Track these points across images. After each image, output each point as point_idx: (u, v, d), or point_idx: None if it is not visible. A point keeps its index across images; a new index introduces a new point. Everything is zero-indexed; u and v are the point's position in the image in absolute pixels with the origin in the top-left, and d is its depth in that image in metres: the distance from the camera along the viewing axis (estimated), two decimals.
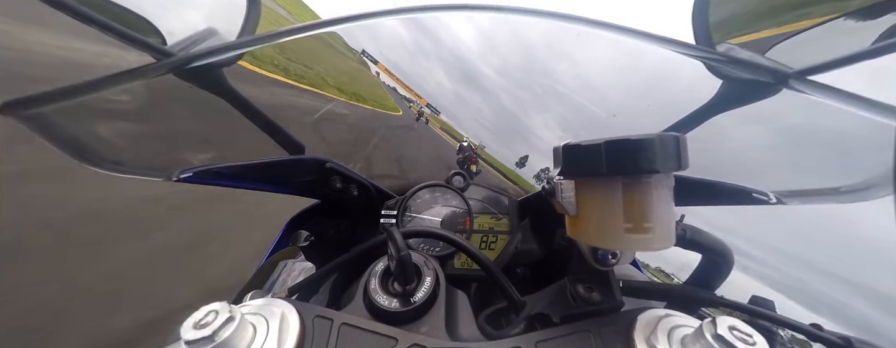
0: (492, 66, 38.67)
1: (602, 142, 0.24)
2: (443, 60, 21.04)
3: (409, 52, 27.20)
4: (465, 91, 19.89)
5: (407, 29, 46.25)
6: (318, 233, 0.77)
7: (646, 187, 0.25)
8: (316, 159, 0.66)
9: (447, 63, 20.15)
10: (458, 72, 20.29)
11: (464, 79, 19.89)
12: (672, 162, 0.23)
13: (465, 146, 13.26)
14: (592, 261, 0.31)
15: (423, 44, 31.98)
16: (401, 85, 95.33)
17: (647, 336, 0.26)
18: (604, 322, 0.30)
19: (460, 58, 20.74)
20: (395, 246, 0.34)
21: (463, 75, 19.52)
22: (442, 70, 20.33)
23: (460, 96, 19.16)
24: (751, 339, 0.21)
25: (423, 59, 21.60)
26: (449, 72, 20.04)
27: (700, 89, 0.54)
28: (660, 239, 0.26)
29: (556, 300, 0.37)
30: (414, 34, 40.25)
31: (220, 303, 0.25)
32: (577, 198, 0.29)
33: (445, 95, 19.85)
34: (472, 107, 23.26)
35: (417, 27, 57.50)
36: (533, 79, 29.68)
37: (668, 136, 0.23)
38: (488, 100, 28.65)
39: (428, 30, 57.23)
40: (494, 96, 23.07)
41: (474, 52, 73.65)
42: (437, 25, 33.99)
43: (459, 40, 54.70)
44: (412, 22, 54.06)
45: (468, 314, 0.38)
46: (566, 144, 0.28)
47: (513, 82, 51.70)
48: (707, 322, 0.23)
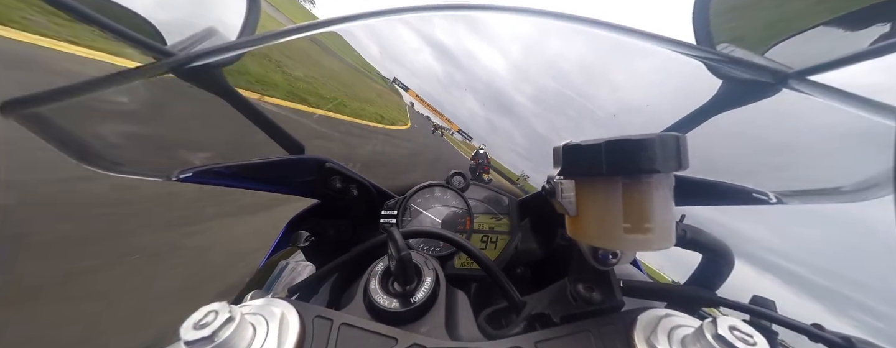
0: (525, 93, 39.78)
1: (602, 142, 0.24)
2: (474, 90, 21.29)
3: (442, 83, 27.92)
4: (496, 117, 19.97)
5: (439, 62, 47.51)
6: (319, 233, 0.77)
7: (646, 187, 0.25)
8: (316, 159, 0.66)
9: (479, 92, 20.28)
10: (491, 100, 20.31)
11: (496, 106, 19.87)
12: (672, 162, 0.23)
13: (481, 154, 13.43)
14: (593, 261, 0.31)
15: (454, 75, 33.00)
16: (433, 111, 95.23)
17: (648, 336, 0.26)
18: (604, 322, 0.30)
19: (491, 86, 20.90)
20: (395, 246, 0.34)
21: (495, 103, 19.54)
22: (473, 98, 20.44)
23: (492, 122, 19.20)
24: (751, 339, 0.21)
25: (455, 90, 21.86)
26: (481, 100, 20.11)
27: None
28: (660, 239, 0.26)
29: (557, 300, 0.37)
30: (447, 67, 41.79)
31: (219, 304, 0.25)
32: (577, 198, 0.29)
33: (477, 122, 19.97)
34: (504, 133, 23.51)
35: (449, 60, 59.22)
36: (568, 103, 30.39)
37: (668, 136, 0.23)
38: (520, 125, 29.22)
39: (461, 63, 58.85)
40: (526, 121, 23.32)
41: (506, 80, 74.42)
42: (469, 61, 35.16)
43: (492, 72, 56.23)
44: (444, 54, 55.42)
45: (468, 314, 0.38)
46: (566, 144, 0.28)
47: (546, 107, 52.85)
48: (707, 322, 0.23)
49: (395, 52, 19.34)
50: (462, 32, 28.54)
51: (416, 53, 32.45)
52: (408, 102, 67.86)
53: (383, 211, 0.76)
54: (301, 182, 0.68)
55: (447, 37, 70.38)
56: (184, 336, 0.22)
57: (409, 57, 27.13)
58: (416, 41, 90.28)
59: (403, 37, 26.80)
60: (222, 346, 0.23)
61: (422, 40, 62.97)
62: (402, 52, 42.65)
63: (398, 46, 34.42)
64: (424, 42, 66.31)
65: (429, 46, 69.19)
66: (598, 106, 22.39)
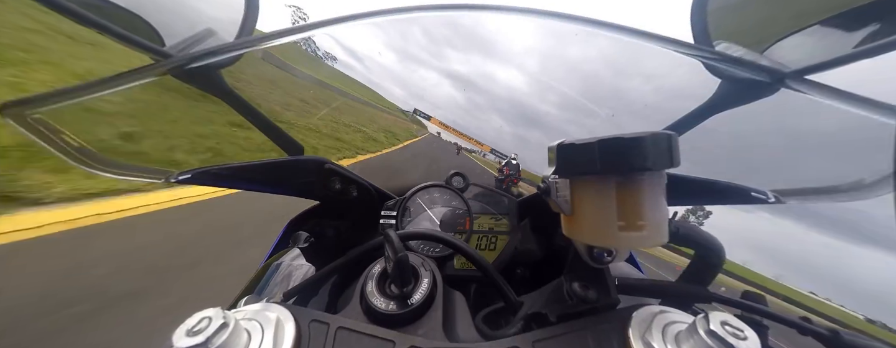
0: (549, 102, 39.12)
1: (595, 140, 0.24)
2: (499, 110, 21.23)
3: (464, 109, 27.90)
4: (525, 131, 19.65)
5: (458, 90, 47.92)
6: (318, 234, 0.76)
7: (639, 185, 0.25)
8: (315, 160, 0.66)
9: (503, 111, 20.23)
10: (517, 116, 20.09)
11: (523, 121, 19.70)
12: (664, 159, 0.24)
13: (513, 164, 11.38)
14: (588, 260, 0.31)
15: (475, 100, 33.15)
16: (459, 136, 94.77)
17: (643, 333, 0.26)
18: (600, 320, 0.30)
19: (514, 102, 20.76)
20: (392, 247, 0.33)
21: (522, 118, 19.37)
22: (499, 117, 20.40)
23: (521, 137, 18.80)
24: (742, 334, 0.22)
25: (479, 113, 21.87)
26: (506, 118, 20.07)
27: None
28: (653, 236, 0.26)
29: (553, 299, 0.37)
30: (467, 94, 42.09)
31: (213, 309, 0.24)
32: (572, 197, 0.29)
33: (506, 140, 19.71)
34: (536, 145, 23.72)
35: (468, 87, 59.71)
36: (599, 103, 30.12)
37: (660, 134, 0.23)
38: (552, 134, 29.94)
39: (479, 87, 59.28)
40: (557, 129, 23.57)
41: (527, 93, 72.31)
42: (488, 83, 35.12)
43: (512, 88, 55.71)
44: (462, 82, 55.89)
45: (466, 315, 0.37)
46: (560, 143, 0.28)
47: (576, 112, 51.08)
48: (700, 318, 0.23)
49: (415, 89, 19.44)
50: (476, 60, 28.37)
51: (437, 87, 32.35)
52: (434, 132, 66.14)
53: (383, 211, 0.76)
54: (300, 183, 0.68)
55: (463, 66, 70.74)
56: (176, 343, 0.22)
57: (431, 91, 27.15)
58: (435, 77, 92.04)
59: (423, 76, 27.11)
60: None
61: (440, 74, 64.23)
62: (423, 87, 43.19)
63: (418, 83, 34.77)
64: (443, 75, 67.59)
65: (448, 79, 70.29)
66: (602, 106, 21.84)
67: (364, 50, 37.43)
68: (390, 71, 14.00)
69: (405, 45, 14.42)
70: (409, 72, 20.31)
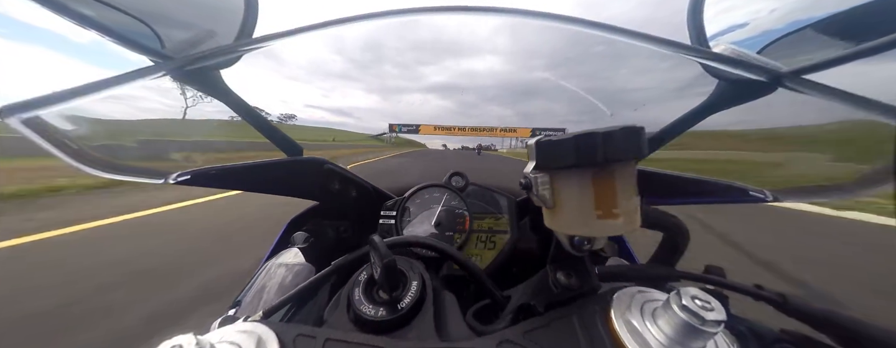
0: (539, 67, 38.31)
1: (571, 136, 0.26)
2: (490, 98, 20.17)
3: (458, 113, 26.91)
4: (525, 105, 18.87)
5: (445, 99, 46.09)
6: (318, 234, 0.76)
7: (613, 176, 0.27)
8: (314, 160, 0.66)
9: (497, 97, 19.20)
10: (510, 95, 19.09)
11: (519, 97, 18.78)
12: (634, 150, 0.26)
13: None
14: (570, 248, 0.32)
15: (465, 100, 32.32)
16: (469, 133, 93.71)
17: (623, 312, 0.28)
18: (584, 304, 0.31)
19: (503, 85, 19.62)
20: (378, 253, 0.32)
21: (515, 95, 18.38)
22: (495, 106, 19.45)
23: (524, 113, 18.07)
24: (709, 305, 0.24)
25: (474, 110, 20.95)
26: (502, 103, 18.95)
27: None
28: (628, 223, 0.28)
29: (539, 290, 0.38)
30: (455, 98, 40.27)
31: (185, 336, 0.23)
32: (552, 190, 0.30)
33: (511, 120, 18.95)
34: (541, 111, 22.73)
35: (453, 91, 56.80)
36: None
37: (630, 128, 0.25)
38: (552, 96, 27.81)
39: (463, 87, 56.64)
40: (555, 88, 22.82)
41: (513, 70, 67.87)
42: (470, 80, 33.61)
43: (495, 73, 53.44)
44: (446, 90, 53.75)
45: (457, 313, 0.38)
46: (538, 140, 0.30)
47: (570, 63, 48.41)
48: (673, 294, 0.25)
49: (403, 111, 18.74)
50: (450, 63, 27.54)
51: (424, 106, 31.20)
52: (440, 145, 61.92)
53: (382, 212, 0.76)
54: (300, 183, 0.68)
55: (440, 76, 69.51)
56: None
57: (420, 112, 26.01)
58: (419, 98, 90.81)
59: (408, 101, 26.51)
60: None
61: (423, 92, 62.92)
62: (414, 108, 41.54)
63: (406, 110, 33.25)
64: (426, 91, 66.62)
65: (431, 93, 68.82)
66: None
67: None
68: (378, 110, 13.02)
69: (382, 82, 13.76)
70: (393, 103, 19.31)
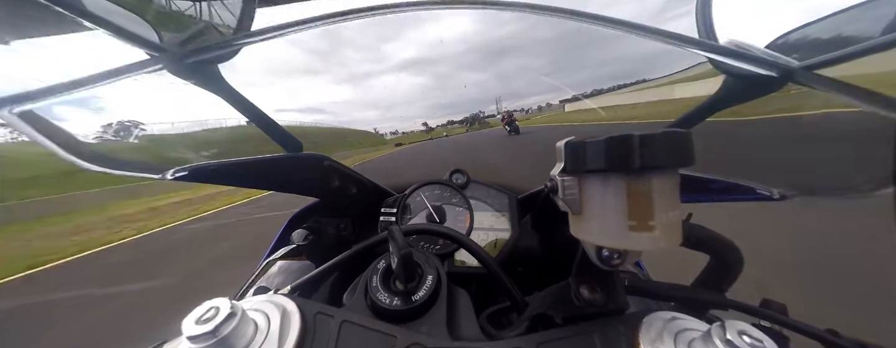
0: (510, 24, 34.06)
1: (605, 138, 0.24)
2: (463, 65, 19.04)
3: (434, 87, 24.08)
4: (499, 65, 17.74)
5: (417, 75, 43.35)
6: (319, 231, 0.76)
7: (650, 184, 0.24)
8: (314, 157, 0.66)
9: (470, 64, 18.09)
10: (482, 59, 18.12)
11: (490, 58, 18.17)
12: (677, 158, 0.23)
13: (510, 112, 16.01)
14: (597, 261, 0.30)
15: (439, 71, 29.90)
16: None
17: (653, 339, 0.25)
18: (608, 324, 0.29)
19: (472, 48, 18.96)
20: (396, 244, 0.33)
21: (487, 56, 17.70)
22: (469, 72, 18.49)
23: (501, 74, 16.84)
24: (762, 345, 0.21)
25: (450, 80, 19.26)
26: (478, 68, 18.00)
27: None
28: (665, 237, 0.25)
29: (559, 300, 0.36)
30: (427, 72, 37.15)
31: (221, 299, 0.25)
32: (580, 195, 0.28)
33: (490, 84, 17.61)
34: (517, 70, 20.88)
35: (424, 65, 53.47)
36: None
37: (673, 132, 0.23)
38: (527, 50, 25.10)
39: (433, 59, 53.20)
40: (531, 41, 20.29)
41: (481, 30, 63.64)
42: (437, 50, 30.49)
43: (462, 39, 49.77)
44: (417, 65, 50.31)
45: (469, 313, 0.37)
46: (568, 141, 0.27)
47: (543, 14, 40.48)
48: (716, 326, 0.22)
49: (383, 102, 17.58)
50: (414, 36, 26.33)
51: (398, 86, 29.43)
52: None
53: (383, 209, 0.75)
54: (300, 180, 0.68)
55: (407, 52, 67.44)
56: (186, 331, 0.23)
57: (395, 92, 24.14)
58: (391, 79, 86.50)
59: (381, 84, 24.42)
60: (224, 341, 0.23)
61: (394, 71, 60.39)
62: (389, 91, 38.34)
63: (381, 95, 30.77)
64: (397, 70, 64.28)
65: (403, 72, 66.54)
66: None
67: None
68: (352, 102, 12.64)
69: (348, 70, 13.22)
70: (365, 90, 18.37)
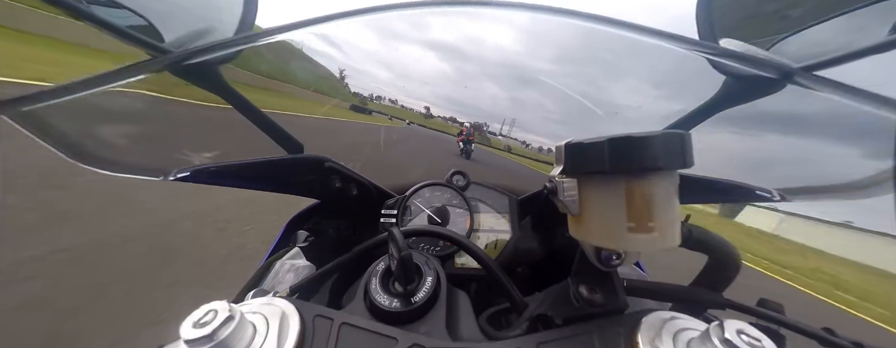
0: (544, 58, 31.62)
1: (605, 139, 0.24)
2: (490, 76, 19.02)
3: (453, 80, 23.12)
4: (520, 93, 17.52)
5: (444, 61, 41.79)
6: (319, 232, 0.76)
7: (650, 185, 0.24)
8: (315, 158, 0.66)
9: (496, 77, 17.97)
10: (510, 79, 17.59)
11: (518, 83, 18.07)
12: (676, 159, 0.23)
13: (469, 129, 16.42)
14: (596, 262, 0.30)
15: (465, 69, 28.04)
16: None
17: (652, 339, 0.25)
18: (607, 324, 0.29)
19: (507, 65, 18.58)
20: (396, 245, 0.33)
21: (516, 80, 17.35)
22: (493, 84, 18.10)
23: (517, 100, 16.54)
24: (760, 344, 0.21)
25: (471, 82, 18.87)
26: (500, 84, 17.70)
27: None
28: (664, 238, 0.25)
29: (559, 301, 0.37)
30: (455, 64, 34.67)
31: (219, 302, 0.25)
32: (580, 197, 0.28)
33: (502, 104, 17.21)
34: (532, 105, 20.01)
35: (455, 55, 50.64)
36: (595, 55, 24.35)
37: (672, 133, 0.23)
38: (548, 92, 24.56)
39: (466, 54, 50.83)
40: (553, 86, 19.80)
41: (521, 52, 58.49)
42: (476, 49, 29.18)
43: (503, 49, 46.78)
44: (449, 52, 48.65)
45: (469, 314, 0.37)
46: (568, 143, 0.27)
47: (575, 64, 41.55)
48: (714, 325, 0.22)
49: (395, 60, 17.38)
50: (461, 24, 26.30)
51: (419, 62, 28.28)
52: None
53: (383, 210, 0.75)
54: (300, 181, 0.68)
55: (446, 34, 64.45)
56: (184, 334, 0.22)
57: (412, 66, 22.84)
58: (418, 49, 78.66)
59: (404, 52, 23.76)
60: (222, 345, 0.23)
61: (425, 45, 56.91)
62: (408, 61, 35.76)
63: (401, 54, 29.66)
64: (429, 46, 60.74)
65: (433, 50, 62.76)
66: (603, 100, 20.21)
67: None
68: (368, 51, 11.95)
69: (384, 23, 12.68)
70: (389, 47, 16.25)
